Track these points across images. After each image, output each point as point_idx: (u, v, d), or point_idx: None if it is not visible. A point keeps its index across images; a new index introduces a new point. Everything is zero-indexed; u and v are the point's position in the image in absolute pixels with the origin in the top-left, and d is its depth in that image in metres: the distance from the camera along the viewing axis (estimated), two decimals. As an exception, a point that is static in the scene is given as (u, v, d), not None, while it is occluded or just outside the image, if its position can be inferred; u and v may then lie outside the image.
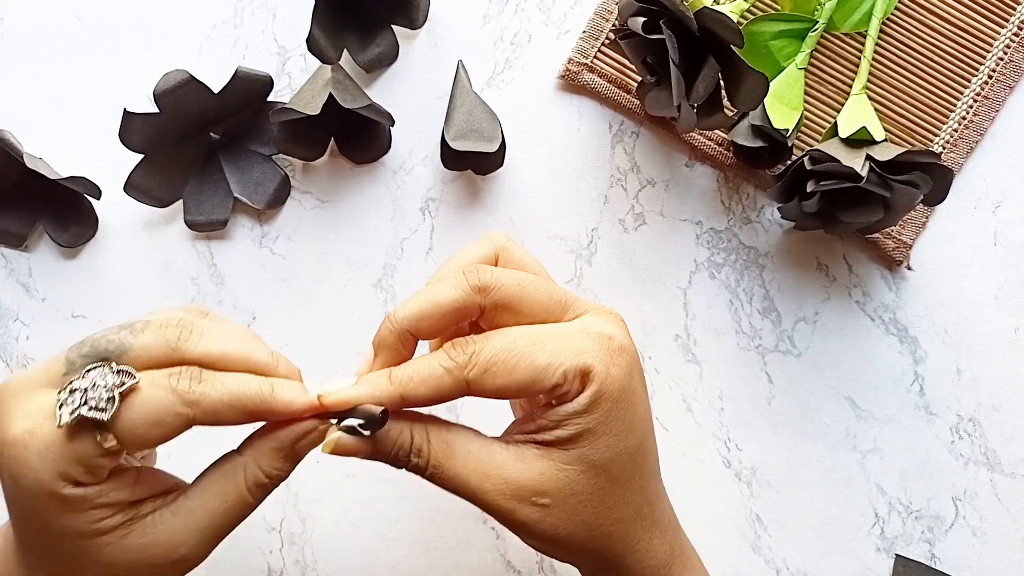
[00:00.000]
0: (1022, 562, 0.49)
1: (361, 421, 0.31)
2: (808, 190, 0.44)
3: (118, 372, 0.30)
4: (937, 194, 0.45)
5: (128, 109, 0.44)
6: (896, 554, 0.49)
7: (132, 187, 0.47)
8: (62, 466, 0.29)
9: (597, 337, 0.33)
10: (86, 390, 0.29)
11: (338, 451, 0.32)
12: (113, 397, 0.29)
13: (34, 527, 0.31)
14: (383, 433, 0.32)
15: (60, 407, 0.29)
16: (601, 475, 0.33)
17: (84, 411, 0.29)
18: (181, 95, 0.45)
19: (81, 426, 0.29)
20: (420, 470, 0.33)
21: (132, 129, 0.45)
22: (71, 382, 0.30)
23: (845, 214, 0.46)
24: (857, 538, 0.49)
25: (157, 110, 0.45)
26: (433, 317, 0.33)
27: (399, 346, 0.33)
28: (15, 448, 0.29)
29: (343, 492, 0.48)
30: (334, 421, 0.32)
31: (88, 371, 0.30)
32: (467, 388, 0.32)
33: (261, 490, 0.33)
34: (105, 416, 0.29)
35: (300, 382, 0.33)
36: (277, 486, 0.33)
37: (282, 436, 0.32)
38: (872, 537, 0.49)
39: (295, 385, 0.32)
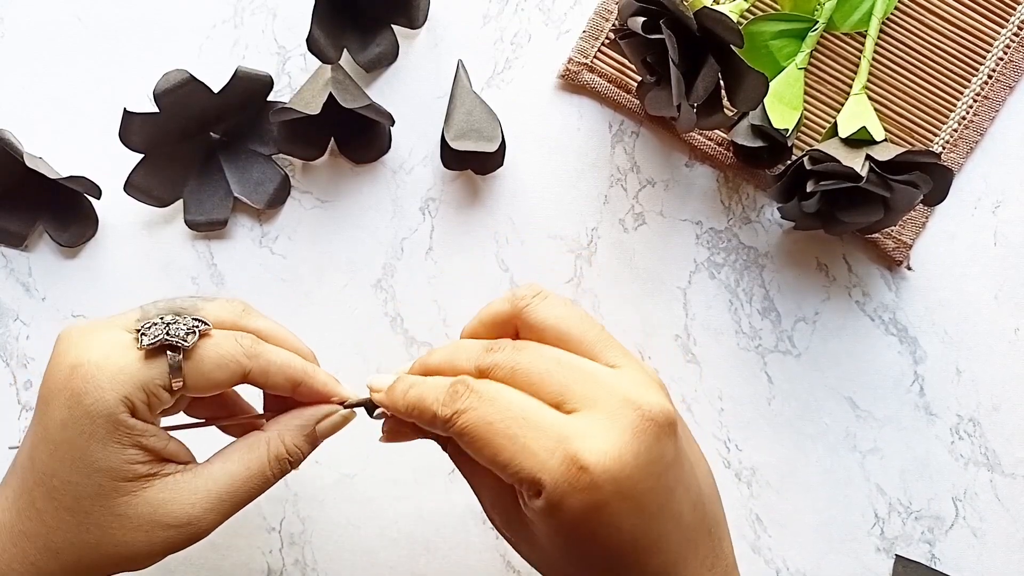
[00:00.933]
0: (1022, 562, 0.49)
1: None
2: (808, 190, 0.44)
3: (194, 319, 0.34)
4: (937, 194, 0.45)
5: (128, 109, 0.44)
6: (896, 554, 0.49)
7: (132, 187, 0.47)
8: (129, 389, 0.32)
9: (569, 462, 0.29)
10: (168, 324, 0.33)
11: (387, 440, 0.37)
12: (194, 332, 0.33)
13: (68, 457, 0.32)
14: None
15: (141, 336, 0.33)
16: (543, 550, 0.33)
17: (166, 338, 0.33)
18: (181, 95, 0.45)
19: (158, 352, 0.33)
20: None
21: (132, 129, 0.45)
22: (150, 321, 0.33)
23: (845, 214, 0.46)
24: (857, 538, 0.49)
25: (157, 110, 0.45)
26: (442, 373, 0.35)
27: (421, 373, 0.36)
28: (87, 368, 0.32)
29: (343, 492, 0.48)
30: (361, 410, 0.38)
31: (164, 317, 0.34)
32: (448, 434, 0.32)
33: (280, 467, 0.36)
34: (187, 344, 0.33)
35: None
36: (292, 468, 0.36)
37: (307, 415, 0.37)
38: (872, 537, 0.49)
39: (328, 373, 0.38)
